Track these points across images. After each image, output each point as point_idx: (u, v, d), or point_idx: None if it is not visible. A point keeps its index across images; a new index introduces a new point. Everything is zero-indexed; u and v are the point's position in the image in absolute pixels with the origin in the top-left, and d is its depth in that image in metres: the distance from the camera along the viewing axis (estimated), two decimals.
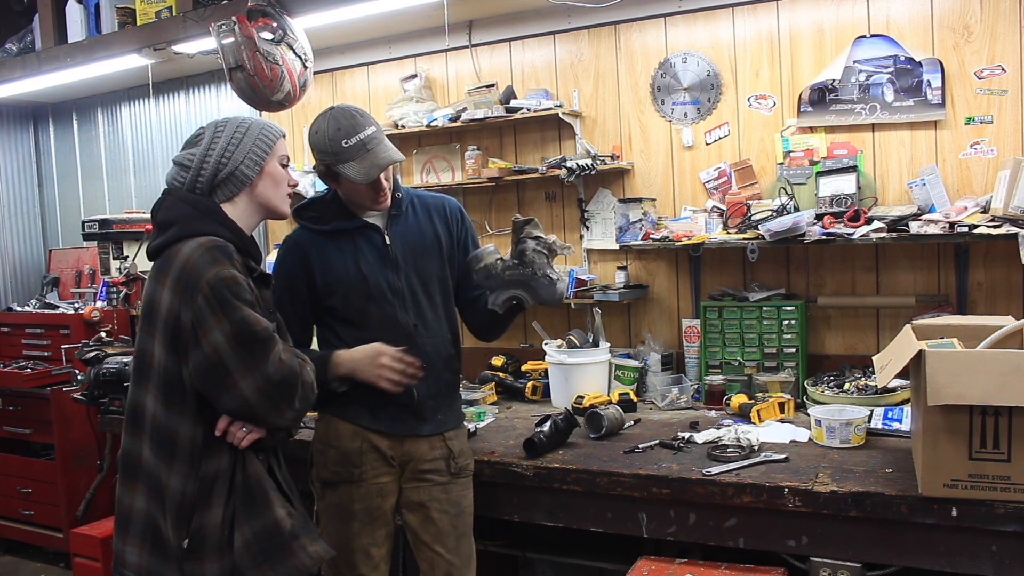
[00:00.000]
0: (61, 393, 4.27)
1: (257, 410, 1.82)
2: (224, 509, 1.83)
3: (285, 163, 2.03)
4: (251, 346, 1.79)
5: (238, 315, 1.78)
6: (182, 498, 1.80)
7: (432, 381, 2.39)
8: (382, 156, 2.22)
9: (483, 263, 2.30)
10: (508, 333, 2.74)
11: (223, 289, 1.78)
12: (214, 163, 1.91)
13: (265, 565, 1.84)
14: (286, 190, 2.03)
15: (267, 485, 1.89)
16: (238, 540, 1.83)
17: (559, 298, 2.32)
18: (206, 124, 1.99)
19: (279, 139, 2.01)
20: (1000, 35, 2.91)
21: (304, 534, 1.91)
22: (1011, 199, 2.69)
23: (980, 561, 2.06)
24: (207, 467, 1.83)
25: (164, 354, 1.82)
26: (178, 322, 1.79)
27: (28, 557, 4.57)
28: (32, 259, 5.52)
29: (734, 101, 3.36)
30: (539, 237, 2.31)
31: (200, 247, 1.82)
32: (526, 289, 2.30)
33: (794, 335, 3.13)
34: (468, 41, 3.84)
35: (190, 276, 1.78)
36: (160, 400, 1.82)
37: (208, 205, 1.92)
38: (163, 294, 1.81)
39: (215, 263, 1.80)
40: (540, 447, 2.61)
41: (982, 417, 1.95)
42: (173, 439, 1.82)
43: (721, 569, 2.32)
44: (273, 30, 3.28)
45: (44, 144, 5.52)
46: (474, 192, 3.90)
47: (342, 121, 2.22)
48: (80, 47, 4.14)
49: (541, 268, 2.29)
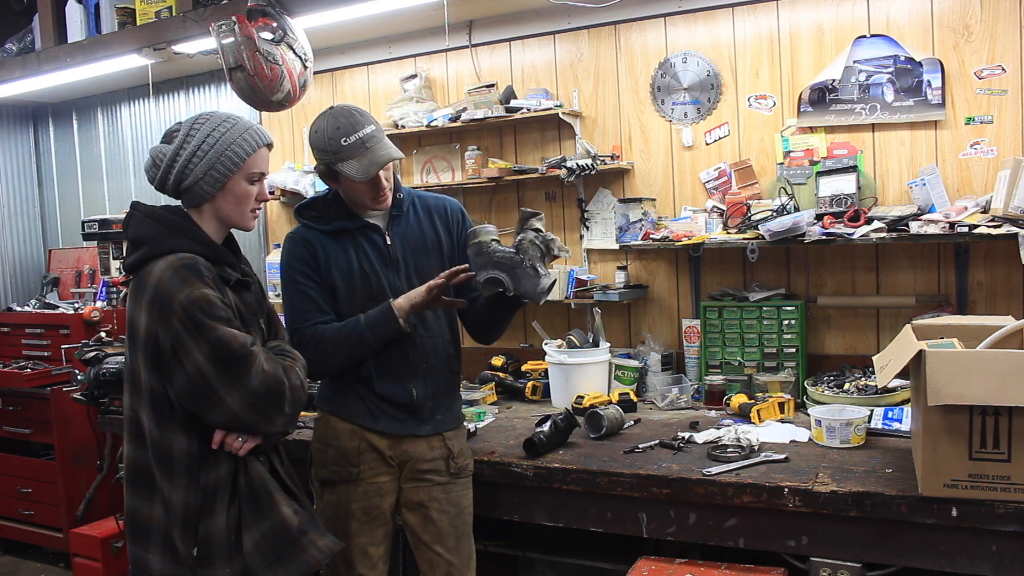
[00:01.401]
0: (61, 393, 4.27)
1: (247, 422, 1.83)
2: (228, 514, 1.84)
3: (256, 179, 1.96)
4: (231, 363, 1.79)
5: (213, 335, 1.78)
6: (186, 509, 1.81)
7: (431, 381, 2.39)
8: (381, 154, 2.22)
9: (478, 239, 2.27)
10: (508, 333, 2.74)
11: (195, 311, 1.77)
12: (178, 170, 1.89)
13: (277, 564, 1.85)
14: (251, 207, 1.97)
15: (271, 485, 1.90)
16: (247, 542, 1.84)
17: (540, 294, 2.26)
18: (185, 119, 1.95)
19: (255, 152, 1.93)
20: (1000, 35, 2.91)
21: (312, 529, 1.93)
22: (1011, 199, 2.69)
23: (980, 561, 2.05)
24: (207, 477, 1.83)
25: (148, 374, 1.82)
26: (157, 344, 1.79)
27: (28, 557, 4.57)
28: (32, 259, 5.52)
29: (734, 101, 3.36)
30: (539, 231, 2.29)
31: (170, 267, 1.80)
32: (510, 274, 2.25)
33: (794, 335, 3.13)
34: (468, 41, 3.84)
35: (163, 298, 1.78)
36: (152, 418, 1.83)
37: (175, 220, 1.89)
38: (141, 316, 1.82)
39: (185, 283, 1.78)
40: (540, 447, 2.61)
41: (982, 417, 1.95)
42: (169, 455, 1.82)
43: (721, 569, 2.32)
44: (273, 30, 3.27)
45: (44, 144, 5.52)
46: (474, 192, 3.90)
47: (341, 120, 2.21)
48: (80, 47, 4.13)
49: (531, 259, 2.25)
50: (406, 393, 2.35)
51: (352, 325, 2.28)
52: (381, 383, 2.34)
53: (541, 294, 2.26)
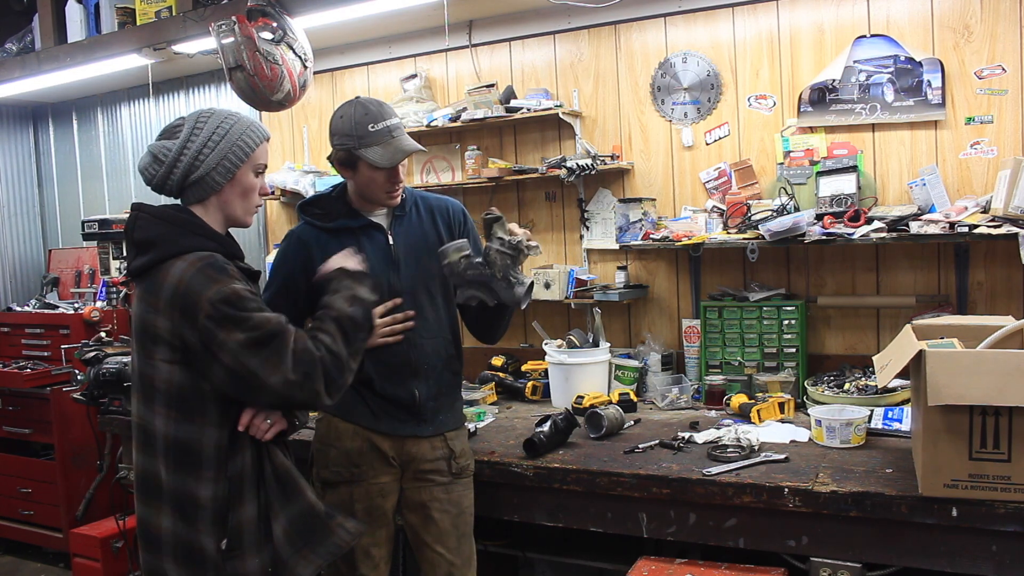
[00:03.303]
0: (61, 393, 4.27)
1: (296, 398, 1.81)
2: (258, 503, 1.84)
3: (260, 171, 1.96)
4: (270, 342, 1.77)
5: (250, 322, 1.77)
6: (215, 503, 1.80)
7: (433, 382, 2.39)
8: (407, 143, 2.27)
9: (447, 260, 2.28)
10: (508, 333, 2.73)
11: (226, 307, 1.75)
12: (187, 163, 1.87)
13: (306, 548, 1.85)
14: (255, 201, 1.97)
15: (294, 473, 1.90)
16: (276, 530, 1.85)
17: (518, 301, 2.30)
18: (187, 114, 1.94)
19: (260, 144, 1.94)
20: (1000, 35, 2.91)
21: (337, 513, 1.94)
22: (1011, 199, 2.69)
23: (980, 561, 2.06)
24: (232, 467, 1.83)
25: (173, 372, 1.79)
26: (184, 342, 1.77)
27: (28, 557, 4.57)
28: (32, 259, 5.52)
29: (734, 101, 3.36)
30: (502, 239, 2.28)
31: (191, 267, 1.78)
32: (486, 290, 2.29)
33: (794, 335, 3.13)
34: (468, 41, 3.84)
35: (186, 297, 1.76)
36: (173, 418, 1.80)
37: (185, 219, 1.87)
38: (158, 318, 1.79)
39: (212, 281, 1.77)
40: (540, 447, 2.61)
41: (982, 417, 1.95)
42: (196, 450, 1.80)
43: (721, 569, 2.32)
44: (273, 30, 3.27)
45: (44, 144, 5.52)
46: (474, 192, 3.89)
47: (370, 107, 2.26)
48: (80, 47, 4.13)
49: (503, 270, 2.26)
50: (408, 394, 2.35)
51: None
52: (383, 384, 2.34)
53: (520, 300, 2.31)
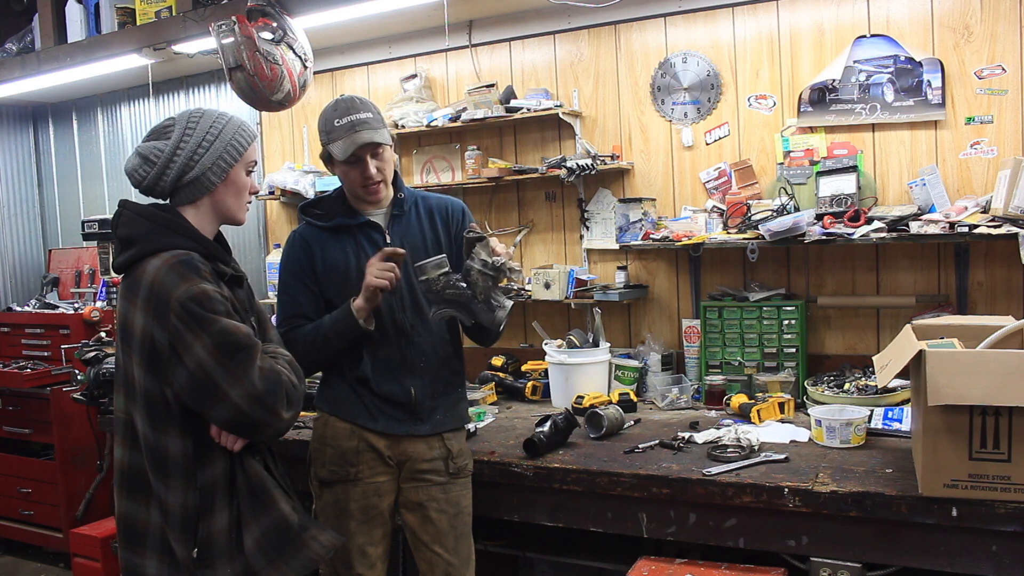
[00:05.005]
0: (61, 393, 4.27)
1: (252, 417, 1.79)
2: (229, 513, 1.83)
3: (251, 169, 1.98)
4: (235, 354, 1.77)
5: (217, 327, 1.76)
6: (184, 511, 1.79)
7: (430, 380, 2.39)
8: (364, 135, 2.27)
9: (425, 276, 2.22)
10: (508, 333, 2.74)
11: (194, 305, 1.75)
12: (181, 164, 1.86)
13: (279, 561, 1.83)
14: (247, 199, 1.99)
15: (268, 483, 1.89)
16: (248, 541, 1.83)
17: (498, 325, 2.29)
18: (177, 114, 1.92)
19: (251, 143, 1.95)
20: (1000, 35, 2.91)
21: (312, 525, 1.92)
22: (1011, 199, 2.69)
23: (980, 561, 2.05)
24: (203, 476, 1.82)
25: (143, 375, 1.80)
26: (153, 343, 1.77)
27: (28, 557, 4.57)
28: (32, 259, 5.52)
29: (734, 101, 3.35)
30: (485, 260, 2.23)
31: (164, 264, 1.78)
32: (464, 310, 2.25)
33: (794, 335, 3.13)
34: (468, 41, 3.84)
35: (159, 296, 1.76)
36: (147, 421, 1.81)
37: (167, 217, 1.87)
38: (135, 315, 1.79)
39: (183, 279, 1.76)
40: (540, 447, 2.61)
41: (982, 417, 1.95)
42: (164, 457, 1.80)
43: (721, 569, 2.32)
44: (273, 30, 3.27)
45: (44, 144, 5.52)
46: (474, 192, 3.89)
47: (340, 104, 2.30)
48: (80, 47, 4.13)
49: (483, 292, 2.23)
50: (404, 392, 2.35)
51: (317, 327, 2.32)
52: (379, 382, 2.35)
53: (498, 324, 2.29)
